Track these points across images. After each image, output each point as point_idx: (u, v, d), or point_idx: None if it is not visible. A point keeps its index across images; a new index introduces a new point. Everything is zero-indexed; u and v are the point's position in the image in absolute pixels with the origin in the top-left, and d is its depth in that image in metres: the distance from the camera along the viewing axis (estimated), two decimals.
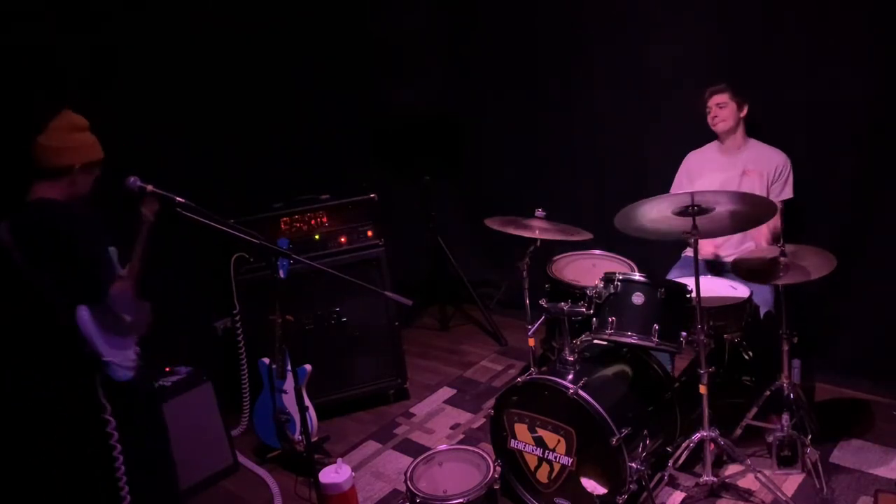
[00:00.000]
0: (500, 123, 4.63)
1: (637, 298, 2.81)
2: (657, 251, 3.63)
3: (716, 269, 3.43)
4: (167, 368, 3.31)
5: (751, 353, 3.30)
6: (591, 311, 2.88)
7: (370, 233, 3.73)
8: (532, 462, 2.87)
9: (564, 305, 2.90)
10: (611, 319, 2.82)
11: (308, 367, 3.35)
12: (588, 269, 3.45)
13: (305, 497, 3.16)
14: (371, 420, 3.80)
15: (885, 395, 3.42)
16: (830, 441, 3.13)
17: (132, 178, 2.48)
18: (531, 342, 3.19)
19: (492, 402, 3.33)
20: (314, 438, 3.34)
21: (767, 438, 2.98)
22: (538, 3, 4.22)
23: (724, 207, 2.69)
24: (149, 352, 3.33)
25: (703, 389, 2.77)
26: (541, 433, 2.81)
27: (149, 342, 3.37)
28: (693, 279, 2.75)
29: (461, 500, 2.59)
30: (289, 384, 3.29)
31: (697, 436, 2.85)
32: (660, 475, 2.92)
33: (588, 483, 2.71)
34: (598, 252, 3.57)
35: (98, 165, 2.52)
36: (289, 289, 3.15)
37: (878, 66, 3.17)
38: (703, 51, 3.62)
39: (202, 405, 3.29)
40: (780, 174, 3.33)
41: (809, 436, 2.94)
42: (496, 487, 2.68)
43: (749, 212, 2.71)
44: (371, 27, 4.55)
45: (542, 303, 3.01)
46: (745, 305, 2.98)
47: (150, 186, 2.48)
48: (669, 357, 3.21)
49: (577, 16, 4.07)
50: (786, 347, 2.96)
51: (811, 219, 3.42)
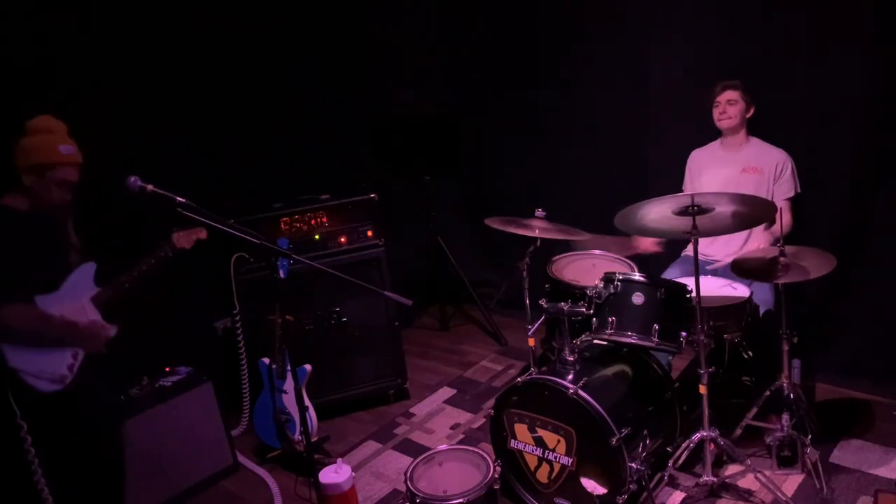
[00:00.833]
0: (500, 123, 4.63)
1: (637, 298, 2.81)
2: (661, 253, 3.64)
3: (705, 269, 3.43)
4: (167, 368, 3.31)
5: (751, 353, 3.31)
6: (591, 311, 2.88)
7: (370, 233, 3.73)
8: (532, 462, 2.87)
9: (564, 305, 2.90)
10: (611, 319, 2.82)
11: (308, 367, 3.35)
12: (588, 269, 3.45)
13: (305, 497, 3.16)
14: (371, 420, 3.80)
15: (885, 395, 3.42)
16: (830, 441, 3.12)
17: (132, 178, 2.48)
18: (531, 342, 3.19)
19: (492, 402, 3.33)
20: (314, 438, 3.35)
21: (767, 439, 2.98)
22: (538, 3, 4.22)
23: (724, 208, 2.70)
24: (149, 352, 3.36)
25: (703, 389, 2.77)
26: (541, 433, 2.81)
27: (149, 342, 3.39)
28: (691, 278, 2.76)
29: (461, 500, 2.59)
30: (289, 384, 3.29)
31: (697, 436, 2.85)
32: (660, 475, 2.91)
33: (588, 483, 2.71)
34: (598, 252, 3.57)
35: (48, 169, 2.50)
36: (289, 289, 3.15)
37: (879, 66, 3.17)
38: (703, 51, 3.62)
39: (202, 405, 3.29)
40: (782, 172, 3.33)
41: (809, 436, 2.94)
42: (496, 487, 2.68)
43: (749, 212, 2.72)
44: (371, 27, 4.55)
45: (542, 303, 3.01)
46: (745, 305, 2.98)
47: (151, 186, 2.47)
48: (665, 357, 3.21)
49: (577, 16, 4.07)
50: (786, 347, 2.96)
51: (811, 219, 3.42)
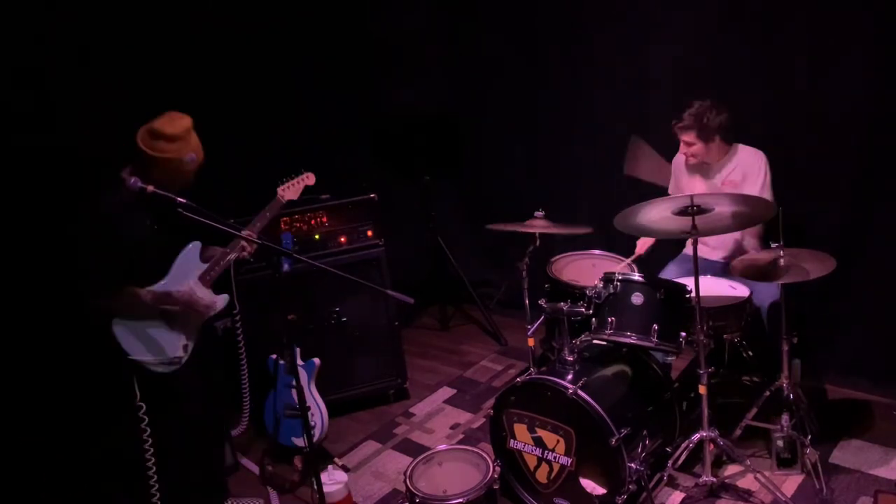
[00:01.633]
0: (500, 123, 4.63)
1: (636, 298, 2.81)
2: (657, 251, 3.64)
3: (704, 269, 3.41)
4: None
5: (751, 353, 3.31)
6: (591, 312, 2.88)
7: (370, 233, 3.73)
8: (531, 462, 2.87)
9: (564, 305, 2.91)
10: (610, 319, 2.82)
11: (317, 361, 3.37)
12: (588, 269, 3.45)
13: (306, 498, 3.16)
14: (371, 420, 3.80)
15: (885, 395, 3.42)
16: (830, 441, 3.13)
17: (133, 179, 2.50)
18: (531, 342, 3.18)
19: (491, 402, 3.33)
20: (323, 436, 3.37)
21: (767, 439, 2.98)
22: (538, 3, 4.22)
23: (724, 208, 2.70)
24: None
25: (703, 389, 2.77)
26: (540, 433, 2.81)
27: None
28: (690, 278, 2.76)
29: (461, 500, 2.60)
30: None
31: (697, 436, 2.85)
32: (659, 475, 2.92)
33: (587, 483, 2.71)
34: (598, 252, 3.58)
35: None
36: (289, 289, 3.15)
37: (879, 66, 3.17)
38: (704, 50, 3.62)
39: None
40: (757, 174, 3.25)
41: (809, 436, 2.94)
42: (495, 487, 2.68)
43: (749, 212, 2.72)
44: (371, 27, 4.55)
45: (542, 303, 3.01)
46: (745, 305, 2.98)
47: (151, 188, 2.49)
48: (663, 356, 3.20)
49: (577, 16, 4.07)
50: (786, 347, 2.96)
51: (811, 219, 3.41)
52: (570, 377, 2.78)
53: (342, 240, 3.71)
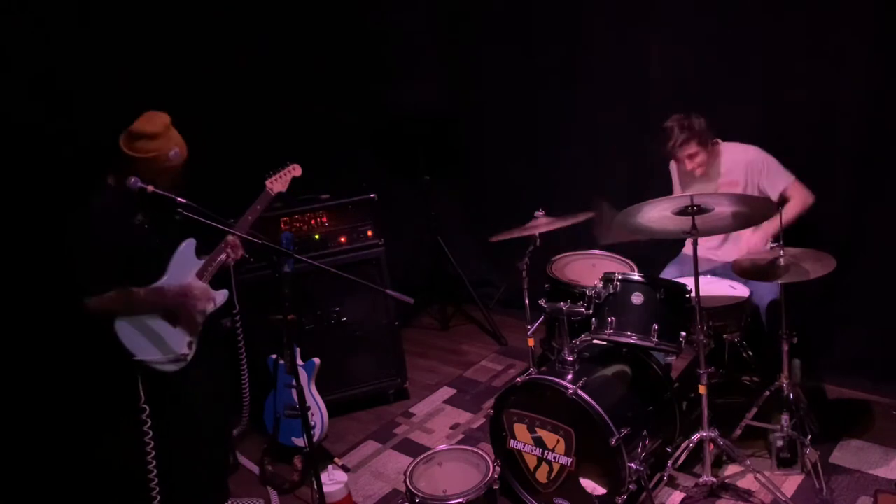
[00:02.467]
0: (500, 123, 4.63)
1: (636, 298, 2.81)
2: (657, 251, 3.64)
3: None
4: None
5: (751, 353, 3.31)
6: (591, 312, 2.88)
7: (370, 233, 3.73)
8: (531, 462, 2.87)
9: (564, 305, 2.91)
10: (610, 319, 2.82)
11: (316, 361, 3.37)
12: (588, 270, 3.45)
13: (306, 498, 3.17)
14: (371, 420, 3.80)
15: (885, 395, 3.42)
16: (830, 441, 3.13)
17: (133, 179, 2.50)
18: (531, 342, 3.18)
19: (491, 402, 3.33)
20: (323, 435, 3.37)
21: (767, 439, 2.99)
22: (538, 3, 4.22)
23: (724, 208, 2.70)
24: None
25: (703, 389, 2.77)
26: (540, 433, 2.81)
27: None
28: (690, 278, 2.76)
29: (461, 500, 2.60)
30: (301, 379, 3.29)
31: (697, 436, 2.85)
32: (659, 475, 2.92)
33: (587, 483, 2.71)
34: (598, 252, 3.58)
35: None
36: (289, 288, 3.15)
37: (879, 66, 3.17)
38: (704, 51, 3.61)
39: None
40: (761, 170, 3.26)
41: (809, 436, 2.94)
42: (495, 487, 2.68)
43: (749, 212, 2.72)
44: (371, 27, 4.55)
45: (542, 303, 3.01)
46: (745, 305, 2.99)
47: (151, 188, 2.49)
48: (663, 356, 3.20)
49: (578, 16, 4.07)
50: (786, 347, 2.96)
51: (811, 219, 3.41)
52: (570, 377, 2.78)
53: (342, 240, 3.71)
